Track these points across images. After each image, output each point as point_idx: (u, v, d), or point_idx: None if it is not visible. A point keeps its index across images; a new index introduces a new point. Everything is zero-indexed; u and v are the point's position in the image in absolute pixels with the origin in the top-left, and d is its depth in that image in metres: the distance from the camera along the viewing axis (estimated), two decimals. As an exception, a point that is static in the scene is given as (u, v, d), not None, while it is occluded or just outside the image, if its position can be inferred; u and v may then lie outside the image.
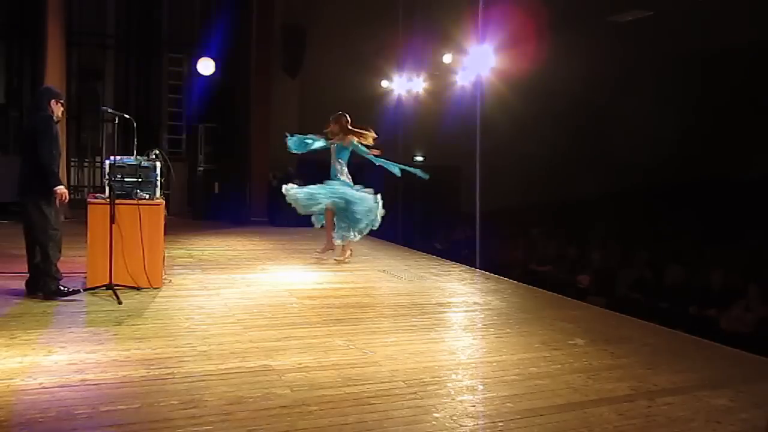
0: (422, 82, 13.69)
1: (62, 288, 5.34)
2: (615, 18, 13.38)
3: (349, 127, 7.88)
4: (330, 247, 7.90)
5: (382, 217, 7.96)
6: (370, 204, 7.79)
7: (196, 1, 13.45)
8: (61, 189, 5.23)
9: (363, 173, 8.42)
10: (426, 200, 14.25)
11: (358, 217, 7.71)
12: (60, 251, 5.39)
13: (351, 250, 8.00)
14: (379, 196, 7.93)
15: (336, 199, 7.72)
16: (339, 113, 7.93)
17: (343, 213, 7.74)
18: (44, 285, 5.30)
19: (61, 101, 5.50)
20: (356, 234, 7.85)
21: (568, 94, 13.74)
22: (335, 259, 7.80)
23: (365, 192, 7.88)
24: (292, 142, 7.94)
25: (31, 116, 5.60)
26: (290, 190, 7.90)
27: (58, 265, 5.40)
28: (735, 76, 13.10)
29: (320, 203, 7.77)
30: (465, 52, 11.63)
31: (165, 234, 6.15)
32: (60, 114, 5.48)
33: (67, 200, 5.32)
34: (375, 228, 7.91)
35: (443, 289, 6.60)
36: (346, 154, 7.96)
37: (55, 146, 5.29)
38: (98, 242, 5.62)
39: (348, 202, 7.70)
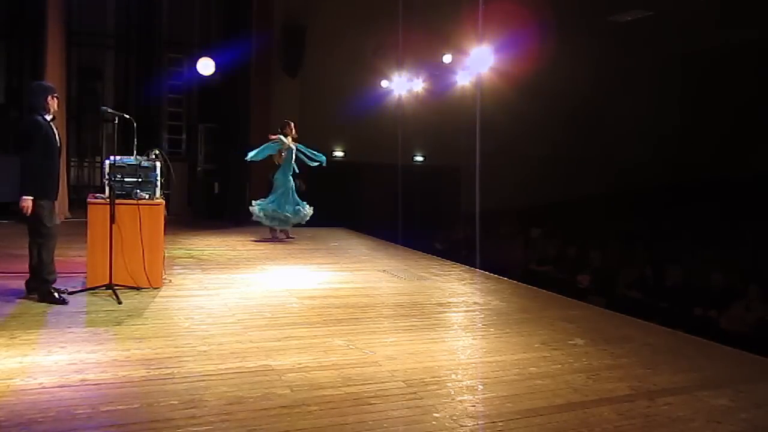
0: (422, 82, 13.69)
1: (54, 293, 5.24)
2: (615, 18, 13.39)
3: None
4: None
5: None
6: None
7: (196, 1, 13.44)
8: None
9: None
10: (426, 200, 14.27)
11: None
12: (52, 255, 5.29)
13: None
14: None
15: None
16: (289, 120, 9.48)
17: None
18: (34, 287, 5.25)
19: (56, 95, 5.42)
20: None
21: (568, 93, 13.74)
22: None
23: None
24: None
25: (22, 121, 5.52)
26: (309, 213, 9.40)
27: (54, 265, 5.35)
28: (735, 75, 13.11)
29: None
30: (465, 52, 11.63)
31: (165, 234, 6.15)
32: (56, 107, 5.41)
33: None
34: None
35: (443, 289, 6.60)
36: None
37: (50, 146, 5.20)
38: (98, 242, 5.61)
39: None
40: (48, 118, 5.29)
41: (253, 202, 9.37)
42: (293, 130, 9.38)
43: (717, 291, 8.13)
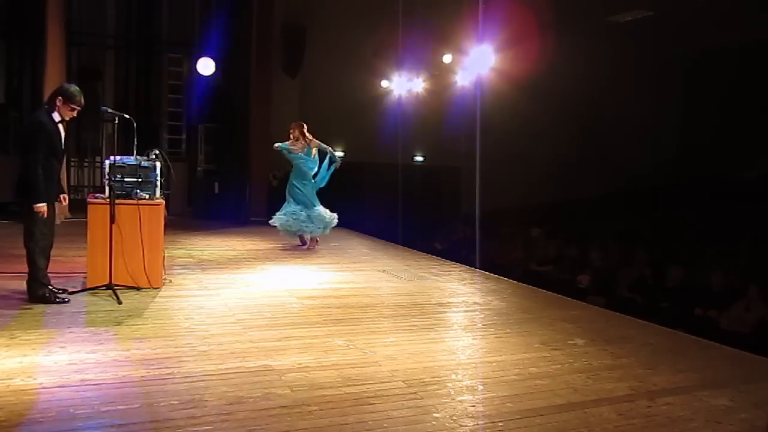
0: (422, 82, 13.69)
1: (48, 295, 5.19)
2: (615, 18, 13.39)
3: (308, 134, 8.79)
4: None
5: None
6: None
7: (196, 1, 13.44)
8: (41, 208, 5.03)
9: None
10: (426, 200, 14.26)
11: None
12: (47, 258, 5.22)
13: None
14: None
15: None
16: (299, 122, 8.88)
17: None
18: (31, 290, 5.19)
19: (71, 105, 5.14)
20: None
21: (568, 93, 13.74)
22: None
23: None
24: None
25: (28, 117, 5.42)
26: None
27: (51, 267, 5.32)
28: (735, 75, 13.11)
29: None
30: (465, 52, 11.63)
31: (165, 234, 6.15)
32: (66, 117, 5.20)
33: (44, 216, 5.09)
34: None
35: (443, 289, 6.60)
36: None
37: (52, 147, 5.10)
38: (98, 242, 5.61)
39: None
40: (56, 118, 5.16)
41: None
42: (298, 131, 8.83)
43: (717, 291, 8.12)
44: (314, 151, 8.77)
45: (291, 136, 8.79)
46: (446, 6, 12.14)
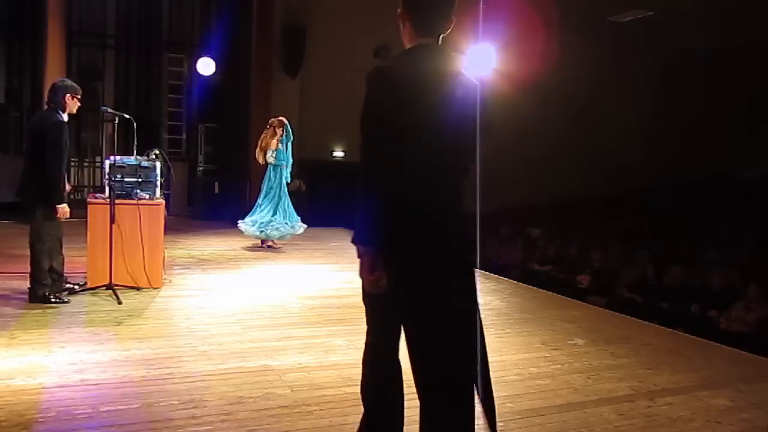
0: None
1: (48, 295, 5.17)
2: (615, 18, 13.39)
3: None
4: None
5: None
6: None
7: (196, 1, 13.44)
8: (63, 208, 5.09)
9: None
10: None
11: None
12: (51, 258, 5.21)
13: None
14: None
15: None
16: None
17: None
18: (31, 289, 5.19)
19: (78, 96, 5.28)
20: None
21: (568, 93, 13.73)
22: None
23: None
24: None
25: (39, 117, 5.38)
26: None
27: (62, 268, 5.34)
28: (736, 75, 13.12)
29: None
30: (465, 52, 11.62)
31: (165, 234, 6.15)
32: (75, 109, 5.29)
33: (67, 217, 5.18)
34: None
35: (443, 289, 6.58)
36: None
37: (66, 148, 5.13)
38: (98, 242, 5.62)
39: None
40: (65, 118, 5.21)
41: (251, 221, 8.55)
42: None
43: (717, 291, 8.12)
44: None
45: (274, 131, 8.63)
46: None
